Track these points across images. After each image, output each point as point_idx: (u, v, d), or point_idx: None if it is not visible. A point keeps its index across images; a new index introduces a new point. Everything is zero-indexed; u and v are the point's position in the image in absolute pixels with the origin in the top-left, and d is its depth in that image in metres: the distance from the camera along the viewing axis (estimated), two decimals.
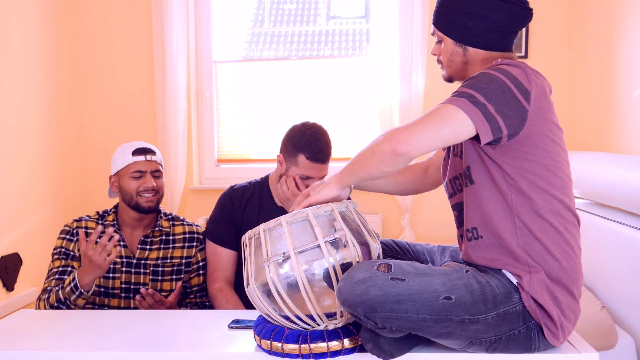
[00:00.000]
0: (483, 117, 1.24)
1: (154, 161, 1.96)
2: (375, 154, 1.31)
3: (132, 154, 1.94)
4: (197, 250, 2.03)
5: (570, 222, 1.34)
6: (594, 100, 2.81)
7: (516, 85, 1.28)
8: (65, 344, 1.49)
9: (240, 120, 3.38)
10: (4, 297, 2.66)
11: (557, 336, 1.30)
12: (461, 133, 1.26)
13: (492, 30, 1.41)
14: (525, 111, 1.28)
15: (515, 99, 1.27)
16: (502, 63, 1.35)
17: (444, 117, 1.25)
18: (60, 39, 3.18)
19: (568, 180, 1.36)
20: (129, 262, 1.96)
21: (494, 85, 1.27)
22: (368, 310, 1.19)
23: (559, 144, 1.34)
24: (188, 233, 2.04)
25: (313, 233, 1.31)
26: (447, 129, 1.25)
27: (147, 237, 1.99)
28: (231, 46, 3.56)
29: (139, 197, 1.92)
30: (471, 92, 1.26)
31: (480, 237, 1.36)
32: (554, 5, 3.10)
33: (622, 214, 2.19)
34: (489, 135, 1.25)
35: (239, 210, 2.06)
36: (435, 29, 1.47)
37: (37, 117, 2.95)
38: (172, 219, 2.06)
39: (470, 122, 1.24)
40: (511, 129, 1.27)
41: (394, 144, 1.26)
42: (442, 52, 1.48)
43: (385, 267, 1.23)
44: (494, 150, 1.31)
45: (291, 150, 1.96)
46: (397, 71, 3.08)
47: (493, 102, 1.25)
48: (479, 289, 1.26)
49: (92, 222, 1.99)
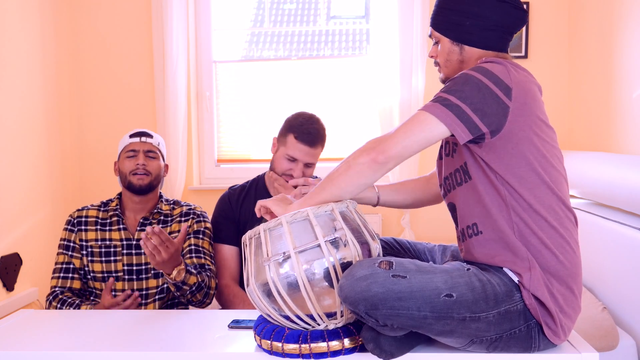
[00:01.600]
0: (456, 118, 1.28)
1: (149, 143, 2.02)
2: (350, 167, 1.34)
3: (130, 136, 2.03)
4: (194, 222, 2.04)
5: (565, 218, 1.35)
6: (594, 100, 2.81)
7: (494, 82, 1.30)
8: (65, 344, 1.49)
9: (240, 120, 3.38)
10: (4, 297, 2.66)
11: (557, 334, 1.30)
12: (433, 137, 1.31)
13: (487, 29, 1.42)
14: (506, 107, 1.29)
15: (494, 95, 1.29)
16: (485, 61, 1.37)
17: (416, 123, 1.31)
18: (60, 39, 3.18)
19: (560, 177, 1.37)
20: (129, 244, 1.99)
21: (469, 86, 1.30)
22: (369, 307, 1.19)
23: (546, 140, 1.35)
24: (186, 211, 2.07)
25: (313, 232, 1.31)
26: (419, 134, 1.30)
27: (147, 219, 2.03)
28: (231, 46, 3.56)
29: (131, 176, 1.98)
30: (445, 96, 1.31)
31: (480, 233, 1.36)
32: (554, 5, 3.11)
33: (622, 214, 2.19)
34: (467, 134, 1.28)
35: (236, 207, 2.10)
36: (433, 30, 1.49)
37: (37, 117, 2.94)
38: (174, 203, 2.10)
39: (442, 125, 1.29)
40: (492, 126, 1.29)
41: (371, 155, 1.31)
42: (439, 53, 1.50)
43: (386, 264, 1.23)
44: (480, 149, 1.33)
45: (283, 131, 2.04)
46: (397, 71, 3.08)
47: (468, 101, 1.28)
48: (480, 287, 1.26)
49: (94, 210, 2.04)
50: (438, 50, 1.50)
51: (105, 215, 2.03)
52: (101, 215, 2.03)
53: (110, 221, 2.02)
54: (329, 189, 1.37)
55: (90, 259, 1.98)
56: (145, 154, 2.00)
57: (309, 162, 2.02)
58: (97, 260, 1.97)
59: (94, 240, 1.99)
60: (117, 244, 1.98)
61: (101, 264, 1.97)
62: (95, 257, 1.98)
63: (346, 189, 1.36)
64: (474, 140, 1.32)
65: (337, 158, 3.20)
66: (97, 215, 2.03)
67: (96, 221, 2.02)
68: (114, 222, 2.01)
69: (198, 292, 1.86)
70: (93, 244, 1.98)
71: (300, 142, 1.98)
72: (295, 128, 2.00)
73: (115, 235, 1.99)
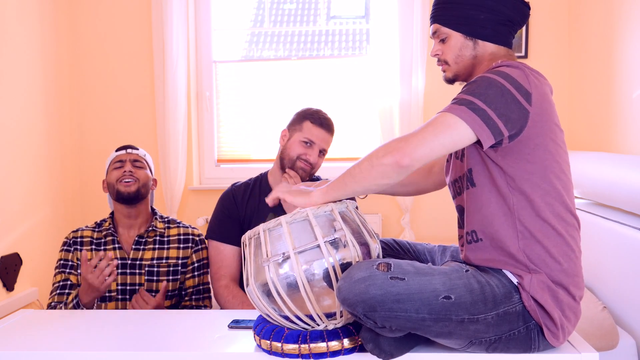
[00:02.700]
0: (483, 123, 1.25)
1: (135, 153, 2.04)
2: (374, 166, 1.29)
3: (116, 150, 2.06)
4: (193, 252, 2.04)
5: (571, 225, 1.34)
6: (594, 100, 2.80)
7: (516, 87, 1.28)
8: (65, 344, 1.48)
9: (240, 120, 3.38)
10: (4, 297, 2.66)
11: (557, 336, 1.30)
12: (461, 141, 1.27)
13: (499, 23, 1.42)
14: (527, 112, 1.28)
15: (516, 101, 1.27)
16: (501, 65, 1.35)
17: (443, 126, 1.26)
18: (60, 39, 3.18)
19: (569, 183, 1.36)
20: (124, 263, 1.97)
21: (492, 90, 1.27)
22: (367, 309, 1.19)
23: (560, 145, 1.34)
24: (183, 235, 2.05)
25: (313, 233, 1.31)
26: (447, 138, 1.26)
27: (142, 237, 2.01)
28: (231, 46, 3.56)
29: (119, 184, 1.97)
30: (470, 99, 1.27)
31: (480, 240, 1.36)
32: (554, 5, 3.10)
33: (622, 214, 2.19)
34: (491, 139, 1.26)
35: (241, 205, 2.07)
36: (440, 27, 1.45)
37: (37, 118, 2.95)
38: (168, 221, 2.08)
39: (470, 129, 1.25)
40: (512, 131, 1.27)
41: (395, 157, 1.26)
42: (446, 50, 1.46)
43: (384, 266, 1.23)
44: (495, 153, 1.31)
45: (296, 120, 2.09)
46: (397, 71, 3.08)
47: (493, 106, 1.25)
48: (478, 288, 1.26)
49: (88, 231, 2.04)
50: (444, 47, 1.46)
51: (100, 235, 2.02)
52: (95, 235, 2.02)
53: (104, 241, 2.01)
54: (351, 185, 1.34)
55: None
56: (132, 163, 2.02)
57: (323, 148, 2.06)
58: None
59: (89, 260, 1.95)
60: None
61: None
62: None
63: (368, 187, 1.34)
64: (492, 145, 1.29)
65: (336, 158, 3.20)
66: (91, 236, 2.02)
67: (91, 241, 2.01)
68: (109, 241, 2.01)
69: None
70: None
71: (318, 126, 2.04)
72: (310, 115, 2.07)
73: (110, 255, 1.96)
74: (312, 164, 2.03)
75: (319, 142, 2.04)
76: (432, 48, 1.49)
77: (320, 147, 2.05)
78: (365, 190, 1.35)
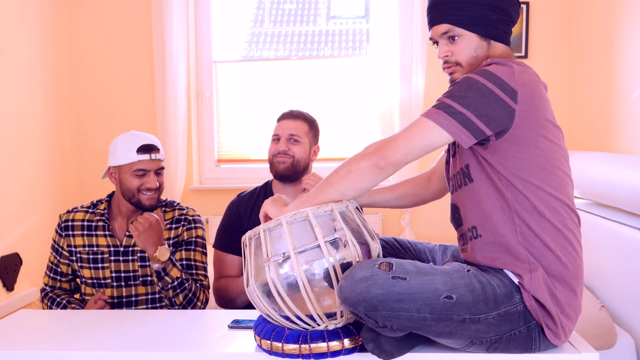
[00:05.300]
0: (460, 125, 1.27)
1: (158, 159, 1.92)
2: (352, 171, 1.34)
3: (137, 151, 1.88)
4: (185, 230, 1.99)
5: (569, 220, 1.34)
6: (594, 100, 2.81)
7: (499, 85, 1.28)
8: (65, 344, 1.49)
9: (240, 120, 3.38)
10: (4, 297, 2.66)
11: (558, 335, 1.30)
12: (433, 144, 1.31)
13: (506, 24, 1.43)
14: (512, 110, 1.28)
15: (499, 100, 1.28)
16: (490, 63, 1.35)
17: (417, 129, 1.31)
18: (60, 39, 3.18)
19: (566, 178, 1.36)
20: (117, 250, 1.94)
21: (473, 91, 1.28)
22: (369, 308, 1.19)
23: (554, 141, 1.34)
24: (177, 216, 2.00)
25: (313, 233, 1.31)
26: (420, 141, 1.30)
27: None
28: (231, 46, 3.56)
29: (140, 195, 1.90)
30: (448, 102, 1.30)
31: (480, 236, 1.36)
32: (554, 5, 3.11)
33: (622, 214, 2.19)
34: (471, 139, 1.28)
35: (244, 217, 2.08)
36: (453, 27, 1.40)
37: (37, 117, 2.95)
38: (165, 205, 2.03)
39: (445, 132, 1.28)
40: (497, 129, 1.29)
41: (373, 159, 1.31)
42: (458, 52, 1.41)
43: (386, 265, 1.23)
44: (485, 150, 1.32)
45: None
46: (397, 71, 3.08)
47: (472, 108, 1.27)
48: (480, 288, 1.26)
49: (81, 213, 1.99)
50: (455, 48, 1.41)
51: (92, 218, 1.97)
52: (88, 217, 1.97)
53: (96, 225, 1.96)
54: (327, 192, 1.37)
55: (80, 264, 1.96)
56: (155, 172, 1.91)
57: (291, 134, 2.02)
58: (86, 267, 1.95)
59: (82, 246, 1.95)
60: (105, 251, 1.94)
61: (90, 270, 1.94)
62: (84, 263, 1.95)
63: (345, 192, 1.36)
64: (479, 142, 1.31)
65: (337, 158, 3.20)
66: (83, 218, 1.97)
67: (82, 225, 1.97)
68: (100, 227, 1.95)
69: (181, 292, 1.84)
70: (81, 250, 1.95)
71: (281, 120, 2.09)
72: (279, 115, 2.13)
73: (102, 242, 1.94)
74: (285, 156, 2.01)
75: (283, 133, 2.04)
76: (440, 49, 1.44)
77: (285, 136, 2.03)
78: (342, 194, 1.37)
